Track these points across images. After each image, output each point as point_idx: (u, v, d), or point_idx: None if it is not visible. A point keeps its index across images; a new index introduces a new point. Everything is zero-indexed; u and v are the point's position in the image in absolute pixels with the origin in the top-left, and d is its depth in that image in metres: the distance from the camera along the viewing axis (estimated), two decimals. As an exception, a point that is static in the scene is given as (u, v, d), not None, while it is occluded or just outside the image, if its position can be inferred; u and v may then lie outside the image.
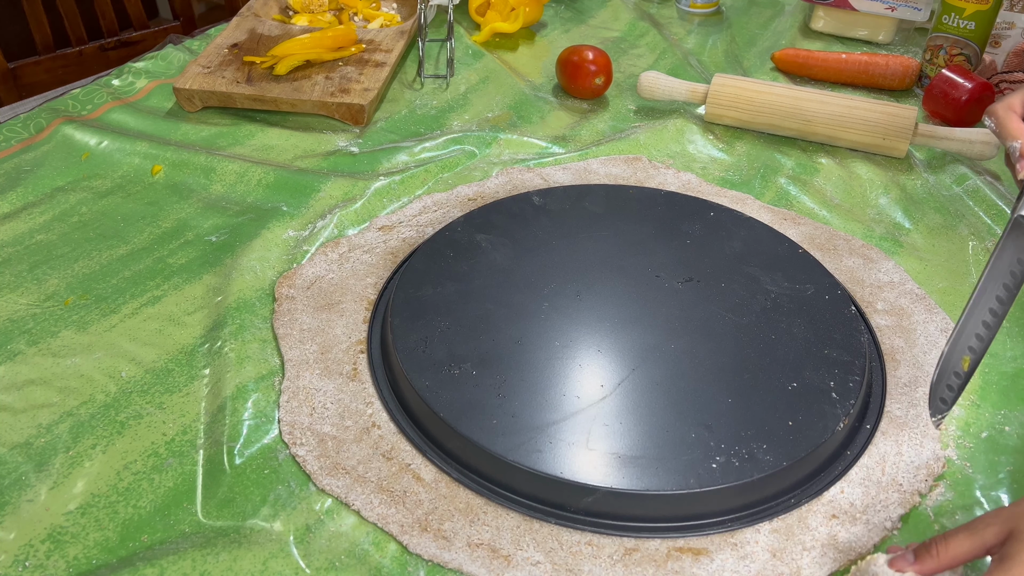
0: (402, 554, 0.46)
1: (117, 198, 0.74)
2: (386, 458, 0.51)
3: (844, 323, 0.58)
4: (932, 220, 0.74)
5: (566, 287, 0.60)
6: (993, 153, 0.79)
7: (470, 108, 0.90)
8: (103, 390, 0.55)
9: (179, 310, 0.62)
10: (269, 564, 0.45)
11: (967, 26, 0.90)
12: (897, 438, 0.53)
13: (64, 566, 0.45)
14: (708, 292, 0.60)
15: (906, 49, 1.06)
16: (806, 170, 0.81)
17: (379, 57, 0.92)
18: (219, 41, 0.94)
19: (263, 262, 0.66)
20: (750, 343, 0.56)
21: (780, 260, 0.64)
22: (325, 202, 0.73)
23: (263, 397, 0.55)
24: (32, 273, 0.65)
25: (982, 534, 0.40)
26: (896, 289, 0.65)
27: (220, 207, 0.73)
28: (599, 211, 0.69)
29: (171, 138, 0.82)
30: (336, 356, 0.57)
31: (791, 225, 0.72)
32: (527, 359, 0.54)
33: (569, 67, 0.91)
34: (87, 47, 1.27)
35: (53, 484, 0.49)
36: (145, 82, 0.90)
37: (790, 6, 1.19)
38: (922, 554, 0.41)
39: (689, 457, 0.48)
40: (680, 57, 1.03)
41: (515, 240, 0.65)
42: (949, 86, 0.86)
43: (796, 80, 0.99)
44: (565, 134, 0.86)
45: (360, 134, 0.85)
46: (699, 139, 0.85)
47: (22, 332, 0.60)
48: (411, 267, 0.62)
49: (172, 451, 0.52)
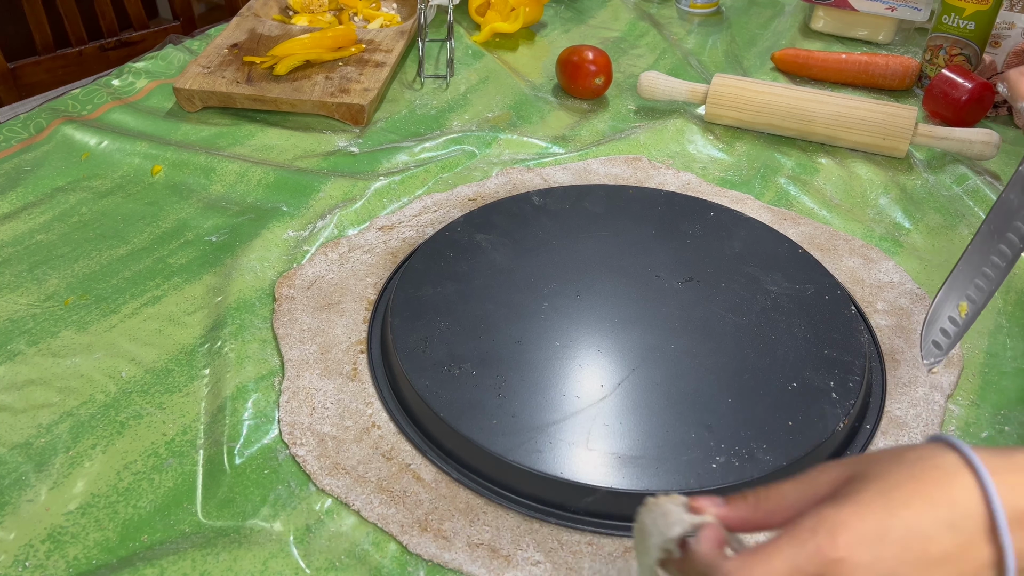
0: (402, 554, 0.46)
1: (117, 198, 0.74)
2: (386, 458, 0.51)
3: (844, 323, 0.58)
4: (932, 220, 0.74)
5: (566, 287, 0.60)
6: (993, 153, 0.79)
7: (470, 108, 0.90)
8: (103, 390, 0.55)
9: (179, 310, 0.62)
10: (269, 564, 0.45)
11: (967, 26, 0.90)
12: (897, 438, 0.53)
13: (64, 566, 0.45)
14: (708, 292, 0.60)
15: (906, 49, 1.06)
16: (806, 170, 0.81)
17: (379, 57, 0.92)
18: (219, 41, 0.94)
19: (263, 262, 0.66)
20: (750, 343, 0.56)
21: (780, 260, 0.64)
22: (325, 202, 0.73)
23: (263, 397, 0.55)
24: (32, 273, 0.65)
25: (814, 482, 0.34)
26: (896, 289, 0.65)
27: (220, 207, 0.73)
28: (599, 211, 0.69)
29: (171, 138, 0.82)
30: (336, 356, 0.57)
31: (791, 225, 0.72)
32: (527, 359, 0.54)
33: (569, 67, 0.91)
34: (87, 47, 1.27)
35: (53, 484, 0.49)
36: (145, 82, 0.90)
37: (790, 6, 1.19)
38: (735, 499, 0.35)
39: (689, 457, 0.48)
40: (680, 57, 1.03)
41: (515, 240, 0.65)
42: (949, 86, 0.86)
43: (796, 80, 0.99)
44: (565, 134, 0.86)
45: (360, 134, 0.85)
46: (699, 139, 0.85)
47: (22, 332, 0.60)
48: (411, 267, 0.62)
49: (172, 451, 0.52)
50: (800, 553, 0.31)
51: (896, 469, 0.32)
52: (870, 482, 0.32)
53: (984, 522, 0.30)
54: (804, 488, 0.34)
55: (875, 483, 0.32)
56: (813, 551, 0.30)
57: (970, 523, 0.31)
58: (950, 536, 0.30)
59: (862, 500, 0.31)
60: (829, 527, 0.31)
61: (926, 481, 0.32)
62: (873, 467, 0.33)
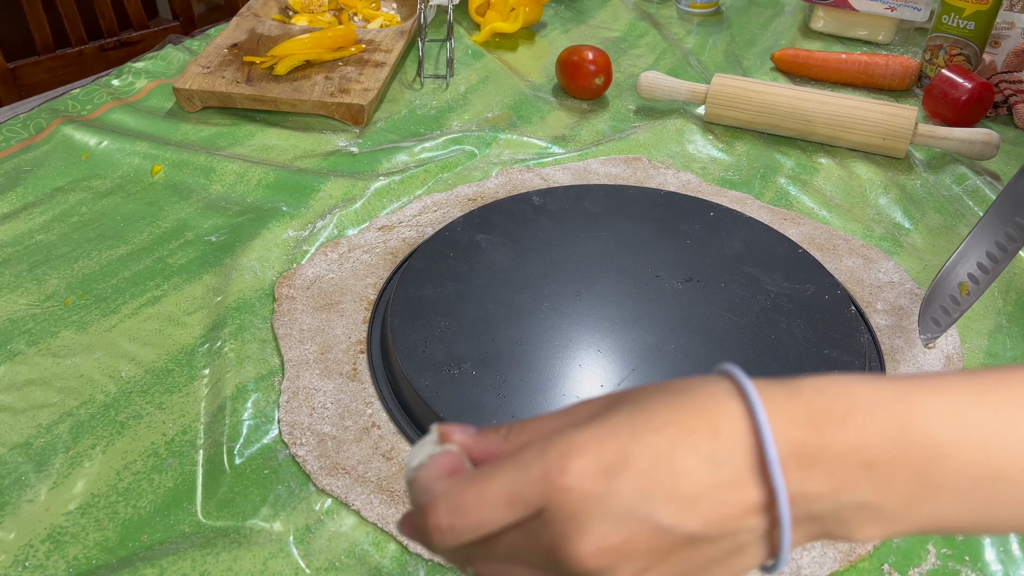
0: (402, 554, 0.46)
1: (117, 198, 0.74)
2: (386, 458, 0.51)
3: (844, 323, 0.58)
4: (932, 220, 0.74)
5: (566, 287, 0.60)
6: (993, 153, 0.79)
7: (470, 108, 0.90)
8: (103, 390, 0.55)
9: (179, 310, 0.62)
10: (269, 564, 0.45)
11: (967, 26, 0.90)
12: (897, 438, 0.53)
13: (64, 566, 0.45)
14: (708, 292, 0.60)
15: (906, 49, 1.06)
16: (806, 170, 0.81)
17: (379, 57, 0.92)
18: (219, 41, 0.94)
19: (263, 262, 0.66)
20: (750, 343, 0.56)
21: (780, 260, 0.64)
22: (325, 202, 0.73)
23: (263, 397, 0.55)
24: (32, 273, 0.65)
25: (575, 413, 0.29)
26: (896, 289, 0.65)
27: (220, 207, 0.73)
28: (599, 211, 0.69)
29: (171, 138, 0.82)
30: (336, 356, 0.57)
31: (791, 225, 0.72)
32: (527, 359, 0.54)
33: (569, 67, 0.91)
34: (87, 47, 1.27)
35: (53, 484, 0.49)
36: (145, 82, 0.90)
37: (790, 6, 1.19)
38: (488, 430, 0.30)
39: (689, 457, 0.48)
40: (680, 57, 1.03)
41: (515, 240, 0.65)
42: (949, 86, 0.86)
43: (796, 80, 0.99)
44: (565, 134, 0.86)
45: (360, 134, 0.85)
46: (699, 139, 0.85)
47: (22, 332, 0.60)
48: (411, 267, 0.62)
49: (172, 451, 0.52)
50: (522, 477, 0.26)
51: (656, 395, 0.28)
52: (623, 407, 0.27)
53: (753, 458, 0.26)
54: (563, 418, 0.29)
55: (628, 407, 0.27)
56: (538, 476, 0.26)
57: (735, 458, 0.26)
58: (709, 471, 0.25)
59: (608, 424, 0.27)
60: (561, 450, 0.26)
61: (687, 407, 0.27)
62: (636, 394, 0.28)
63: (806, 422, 0.26)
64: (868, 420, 0.26)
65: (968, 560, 0.47)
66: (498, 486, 0.26)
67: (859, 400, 0.26)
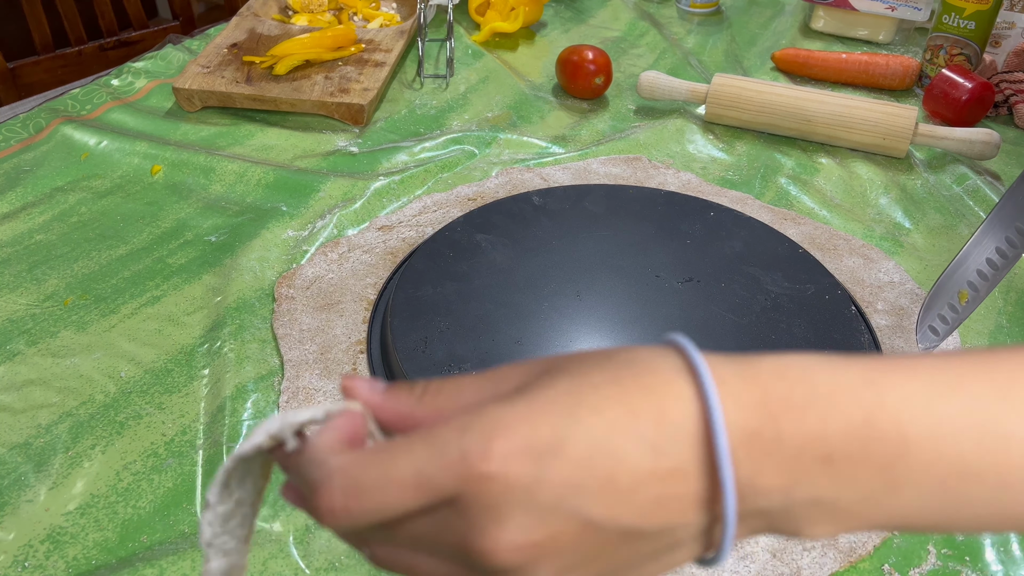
0: (402, 554, 0.46)
1: (116, 198, 0.74)
2: (386, 458, 0.51)
3: (844, 323, 0.58)
4: (932, 220, 0.74)
5: (566, 287, 0.60)
6: (993, 153, 0.79)
7: (470, 108, 0.90)
8: (102, 390, 0.55)
9: (179, 310, 0.62)
10: (269, 564, 0.45)
11: (967, 26, 0.90)
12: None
13: (64, 566, 0.45)
14: (708, 292, 0.60)
15: (906, 49, 1.06)
16: (806, 170, 0.81)
17: (379, 57, 0.92)
18: (219, 41, 0.94)
19: (263, 262, 0.66)
20: (750, 343, 0.56)
21: (780, 260, 0.64)
22: (325, 202, 0.73)
23: (263, 397, 0.55)
24: (31, 273, 0.65)
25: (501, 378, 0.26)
26: (896, 289, 0.65)
27: (220, 207, 0.73)
28: (599, 211, 0.69)
29: (171, 138, 0.82)
30: (336, 356, 0.57)
31: (791, 225, 0.72)
32: (527, 359, 0.54)
33: (569, 67, 0.91)
34: (86, 47, 1.27)
35: (53, 484, 0.49)
36: (145, 82, 0.90)
37: (790, 6, 1.19)
38: (399, 387, 0.26)
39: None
40: (680, 57, 1.03)
41: (515, 240, 0.65)
42: (949, 86, 0.86)
43: (796, 80, 0.99)
44: (565, 134, 0.86)
45: (360, 134, 0.85)
46: (699, 139, 0.85)
47: (21, 332, 0.60)
48: (411, 267, 0.62)
49: (172, 451, 0.51)
50: (436, 459, 0.22)
51: (598, 369, 0.24)
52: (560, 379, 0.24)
53: (700, 447, 0.23)
54: (487, 384, 0.26)
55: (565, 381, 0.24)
56: (455, 458, 0.22)
57: (680, 446, 0.23)
58: (649, 459, 0.22)
59: (540, 399, 0.23)
60: (485, 428, 0.23)
61: (631, 386, 0.23)
62: (573, 364, 0.25)
63: (762, 409, 0.23)
64: (830, 409, 0.23)
65: (968, 560, 0.47)
66: (406, 467, 0.23)
67: (822, 386, 0.24)
